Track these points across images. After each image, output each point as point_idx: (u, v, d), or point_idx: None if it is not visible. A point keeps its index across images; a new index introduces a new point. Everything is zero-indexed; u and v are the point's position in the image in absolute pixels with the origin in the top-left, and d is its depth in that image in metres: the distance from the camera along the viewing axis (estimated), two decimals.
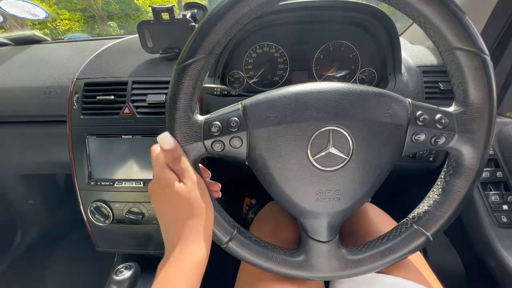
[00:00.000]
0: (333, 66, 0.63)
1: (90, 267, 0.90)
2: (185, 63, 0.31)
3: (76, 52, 0.74)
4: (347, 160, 0.33)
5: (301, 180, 0.34)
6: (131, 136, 0.56)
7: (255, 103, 0.34)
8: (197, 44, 0.30)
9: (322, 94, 0.33)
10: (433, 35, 0.32)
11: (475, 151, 0.33)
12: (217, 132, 0.33)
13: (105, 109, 0.56)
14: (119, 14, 8.94)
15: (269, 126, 0.33)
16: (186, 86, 0.31)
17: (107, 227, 0.60)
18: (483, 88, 0.32)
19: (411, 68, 0.60)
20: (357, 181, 0.34)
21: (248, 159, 0.35)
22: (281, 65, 0.64)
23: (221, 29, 0.30)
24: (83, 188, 0.59)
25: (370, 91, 0.33)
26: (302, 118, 0.32)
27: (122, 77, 0.58)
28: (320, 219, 0.37)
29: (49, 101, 0.64)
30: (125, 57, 0.64)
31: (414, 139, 0.34)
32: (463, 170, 0.35)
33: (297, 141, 0.33)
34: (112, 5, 9.07)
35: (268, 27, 0.61)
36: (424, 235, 0.37)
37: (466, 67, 0.31)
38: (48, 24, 8.06)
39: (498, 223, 0.52)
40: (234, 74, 0.64)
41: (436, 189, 0.38)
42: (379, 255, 0.38)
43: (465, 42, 0.30)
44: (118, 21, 8.67)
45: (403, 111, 0.33)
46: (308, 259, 0.38)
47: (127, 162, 0.58)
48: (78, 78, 0.59)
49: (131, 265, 0.53)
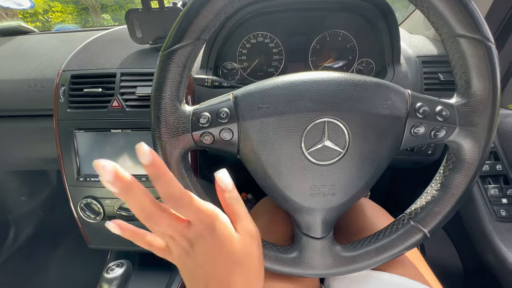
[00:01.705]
0: (330, 57, 0.61)
1: (84, 264, 0.89)
2: (171, 49, 0.29)
3: (63, 44, 0.71)
4: (343, 153, 0.32)
5: (295, 175, 0.33)
6: (121, 130, 0.54)
7: (247, 93, 0.32)
8: (183, 28, 0.28)
9: (318, 84, 0.31)
10: (436, 21, 0.30)
11: (476, 145, 0.32)
12: (206, 124, 0.31)
13: (93, 102, 0.54)
14: (113, 6, 8.75)
15: (261, 117, 0.31)
16: (172, 73, 0.29)
17: (98, 224, 0.59)
18: (487, 78, 0.30)
19: (410, 58, 0.58)
20: (353, 175, 0.33)
21: (240, 152, 0.33)
22: (276, 55, 0.62)
23: (209, 12, 0.28)
24: (72, 184, 0.57)
25: (368, 81, 0.31)
26: (296, 109, 0.30)
27: (110, 69, 0.56)
28: (314, 215, 0.35)
29: (35, 94, 0.61)
30: (114, 48, 0.61)
31: (413, 132, 0.32)
32: (463, 164, 0.33)
33: (290, 133, 0.31)
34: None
35: (262, 15, 0.59)
36: (421, 231, 0.36)
37: (470, 56, 0.30)
38: (39, 16, 7.89)
39: (497, 217, 0.51)
40: (227, 65, 0.62)
41: (435, 184, 0.36)
42: (374, 252, 0.37)
43: (470, 29, 0.28)
44: (112, 13, 8.50)
45: (402, 102, 0.32)
46: (301, 256, 0.37)
47: (117, 157, 0.56)
48: (64, 70, 0.57)
49: (123, 262, 0.52)
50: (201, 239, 0.24)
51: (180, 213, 0.24)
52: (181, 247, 0.25)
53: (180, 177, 0.33)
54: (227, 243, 0.25)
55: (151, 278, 0.63)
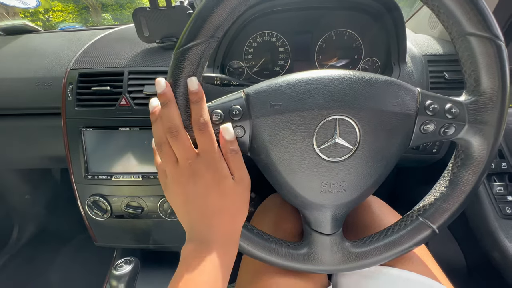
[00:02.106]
0: (335, 56, 0.62)
1: (90, 262, 0.90)
2: (185, 47, 0.29)
3: (70, 42, 0.72)
4: (354, 150, 0.32)
5: (306, 171, 0.33)
6: (129, 128, 0.55)
7: (259, 91, 0.32)
8: (198, 26, 0.28)
9: (329, 82, 0.31)
10: (446, 20, 0.30)
11: (485, 142, 0.32)
12: (219, 121, 0.31)
13: (101, 101, 0.55)
14: (114, 6, 8.74)
15: (273, 114, 0.31)
16: (186, 71, 0.29)
17: (105, 221, 0.59)
18: (496, 76, 0.30)
19: (416, 57, 0.58)
20: (363, 172, 0.33)
21: (250, 149, 0.34)
22: (282, 54, 0.62)
23: (224, 10, 0.28)
24: (80, 182, 0.57)
25: (378, 79, 0.32)
26: (308, 106, 0.31)
27: (118, 67, 0.56)
28: (324, 211, 0.36)
29: (42, 92, 0.62)
30: (121, 46, 0.61)
31: (423, 129, 0.33)
32: (471, 161, 0.34)
33: (302, 131, 0.31)
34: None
35: (269, 14, 0.59)
36: (430, 228, 0.36)
37: (480, 54, 0.30)
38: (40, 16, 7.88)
39: (502, 214, 0.52)
40: (234, 64, 0.62)
41: (443, 181, 0.37)
42: (383, 248, 0.37)
43: (480, 27, 0.29)
44: (113, 12, 8.49)
45: (412, 100, 0.32)
46: (311, 252, 0.38)
47: (124, 155, 0.56)
48: (72, 68, 0.57)
49: (131, 259, 0.52)
50: (203, 172, 0.30)
51: (198, 138, 0.30)
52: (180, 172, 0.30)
53: None
54: (224, 183, 0.30)
55: (157, 276, 0.63)
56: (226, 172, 0.30)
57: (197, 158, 0.30)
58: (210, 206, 0.30)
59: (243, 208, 0.33)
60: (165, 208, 0.57)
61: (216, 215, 0.30)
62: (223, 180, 0.30)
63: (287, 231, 0.49)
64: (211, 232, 0.30)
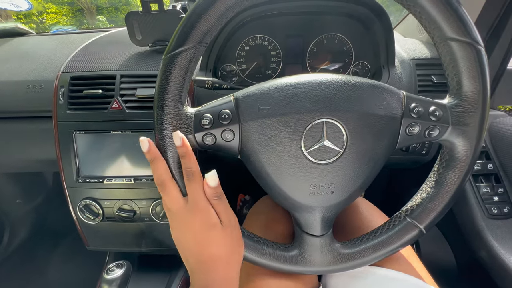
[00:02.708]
0: (326, 59, 0.63)
1: (82, 266, 0.89)
2: (173, 52, 0.29)
3: (62, 45, 0.71)
4: (341, 153, 0.33)
5: (295, 174, 0.33)
6: (121, 131, 0.54)
7: (248, 95, 0.33)
8: (186, 32, 0.29)
9: (317, 86, 0.32)
10: (428, 25, 0.31)
11: (468, 143, 0.33)
12: (208, 125, 0.32)
13: (93, 104, 0.54)
14: (109, 8, 8.71)
15: (262, 118, 0.32)
16: (175, 76, 0.30)
17: (97, 225, 0.59)
18: (477, 80, 0.31)
19: (404, 61, 0.60)
20: (351, 174, 0.34)
21: (241, 153, 0.34)
22: (274, 58, 0.63)
23: (211, 17, 0.29)
24: (71, 185, 0.57)
25: (364, 82, 0.32)
26: (296, 110, 0.31)
27: (110, 71, 0.56)
28: (314, 213, 0.36)
29: (34, 96, 0.61)
30: (113, 50, 0.61)
31: (408, 131, 0.33)
32: (456, 162, 0.35)
33: (290, 134, 0.32)
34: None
35: (260, 18, 0.60)
36: (417, 227, 0.37)
37: (461, 58, 0.31)
38: (34, 18, 7.80)
39: (489, 214, 0.53)
40: (226, 67, 0.63)
41: (429, 181, 0.37)
42: (372, 248, 0.38)
43: (460, 32, 0.30)
44: (108, 15, 8.45)
45: (397, 103, 0.33)
46: (301, 253, 0.38)
47: (117, 158, 0.56)
48: (64, 71, 0.57)
49: (123, 263, 0.52)
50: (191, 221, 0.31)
51: (187, 187, 0.31)
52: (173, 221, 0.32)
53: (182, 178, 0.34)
54: (212, 230, 0.31)
55: (150, 279, 0.63)
56: (214, 220, 0.31)
57: (186, 207, 0.31)
58: (203, 254, 0.31)
59: (235, 251, 0.33)
60: (157, 211, 0.57)
61: (210, 262, 0.31)
62: (212, 228, 0.31)
63: (279, 233, 0.49)
64: (208, 279, 0.31)
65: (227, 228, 0.32)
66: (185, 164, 0.31)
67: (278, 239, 0.46)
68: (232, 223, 0.33)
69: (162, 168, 0.31)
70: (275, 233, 0.49)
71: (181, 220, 0.31)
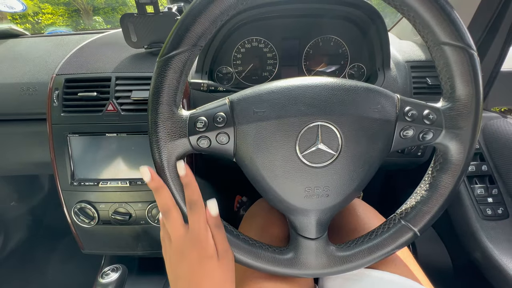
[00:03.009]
0: (322, 61, 0.63)
1: (77, 270, 0.88)
2: (168, 55, 0.29)
3: (57, 47, 0.71)
4: (336, 156, 0.33)
5: (290, 177, 0.33)
6: (116, 134, 0.54)
7: (243, 98, 0.32)
8: (180, 35, 0.29)
9: (311, 89, 0.32)
10: (422, 29, 0.32)
11: (462, 146, 0.34)
12: (203, 128, 0.32)
13: (88, 106, 0.54)
14: (105, 9, 8.66)
15: (256, 121, 0.32)
16: (169, 79, 0.30)
17: (92, 228, 0.58)
18: (470, 84, 0.32)
19: (399, 64, 0.60)
20: (346, 177, 0.34)
21: (236, 156, 0.34)
22: (271, 60, 0.63)
23: (206, 20, 0.29)
24: (66, 188, 0.56)
25: (359, 86, 0.33)
26: (291, 113, 0.31)
27: (105, 73, 0.56)
28: (309, 216, 0.36)
29: (28, 98, 0.61)
30: (108, 52, 0.61)
31: (403, 134, 0.34)
32: (449, 165, 0.35)
33: (285, 137, 0.32)
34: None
35: (256, 21, 0.60)
36: (412, 230, 0.37)
37: (454, 62, 0.31)
38: (29, 18, 7.74)
39: (483, 216, 0.53)
40: (222, 70, 0.63)
41: (424, 184, 0.38)
42: (367, 251, 0.38)
43: (453, 37, 0.30)
44: (104, 15, 8.40)
45: (392, 106, 0.33)
46: (297, 256, 0.38)
47: (112, 161, 0.56)
48: (58, 74, 0.56)
49: (118, 267, 0.51)
50: (189, 250, 0.31)
51: (189, 216, 0.32)
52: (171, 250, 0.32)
53: (177, 180, 0.33)
54: (208, 262, 0.31)
55: (146, 283, 0.62)
56: (211, 252, 0.31)
57: (186, 235, 0.31)
58: (196, 286, 0.31)
59: (228, 284, 0.33)
60: (153, 214, 0.57)
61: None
62: (208, 260, 0.31)
63: (274, 236, 0.49)
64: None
65: (223, 260, 0.32)
66: (188, 193, 0.32)
67: (273, 242, 0.46)
68: (228, 255, 0.33)
69: (167, 196, 0.31)
70: (270, 236, 0.49)
71: (179, 250, 0.31)
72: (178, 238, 0.31)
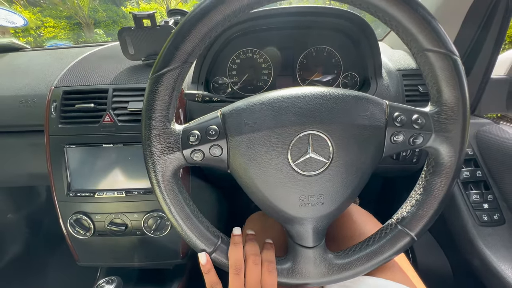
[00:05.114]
0: (316, 71, 0.64)
1: (72, 282, 0.86)
2: (159, 73, 0.30)
3: (55, 60, 0.72)
4: (328, 164, 0.33)
5: (283, 186, 0.34)
6: (112, 144, 0.55)
7: (234, 110, 0.33)
8: (171, 53, 0.30)
9: (301, 99, 0.33)
10: (405, 37, 0.33)
11: (452, 149, 0.34)
12: (196, 141, 0.32)
13: (85, 118, 0.55)
14: (106, 22, 8.84)
15: (248, 133, 0.32)
16: (161, 95, 0.31)
17: (88, 239, 0.58)
18: (455, 88, 0.32)
19: (391, 72, 0.61)
20: (339, 184, 0.34)
21: (230, 167, 0.34)
22: (265, 70, 0.64)
23: (194, 38, 0.30)
24: (62, 200, 0.56)
25: (347, 94, 0.33)
26: (281, 123, 0.32)
27: (102, 85, 0.57)
28: (305, 224, 0.36)
29: (26, 110, 0.62)
30: (106, 64, 0.62)
31: (393, 140, 0.34)
32: (441, 168, 0.35)
33: (277, 147, 0.32)
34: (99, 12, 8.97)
35: (251, 33, 0.62)
36: (409, 235, 0.37)
37: (438, 68, 0.32)
38: (31, 32, 7.88)
39: (480, 222, 0.53)
40: (218, 80, 0.64)
41: (418, 188, 0.38)
42: (366, 258, 0.38)
43: (436, 44, 0.31)
44: (105, 28, 8.56)
45: (381, 112, 0.34)
46: (295, 265, 0.38)
47: (108, 171, 0.56)
48: (57, 86, 0.57)
49: (113, 279, 0.50)
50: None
51: None
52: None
53: (173, 194, 0.34)
54: None
55: None
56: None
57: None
58: None
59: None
60: (149, 224, 0.56)
61: None
62: None
63: None
64: None
65: None
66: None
67: None
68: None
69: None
70: None
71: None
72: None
